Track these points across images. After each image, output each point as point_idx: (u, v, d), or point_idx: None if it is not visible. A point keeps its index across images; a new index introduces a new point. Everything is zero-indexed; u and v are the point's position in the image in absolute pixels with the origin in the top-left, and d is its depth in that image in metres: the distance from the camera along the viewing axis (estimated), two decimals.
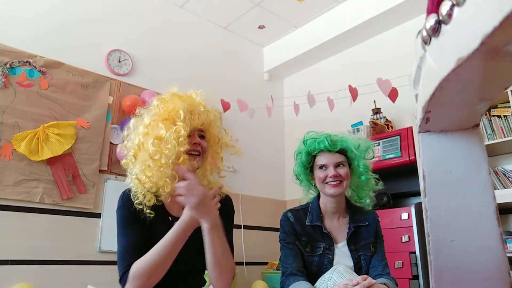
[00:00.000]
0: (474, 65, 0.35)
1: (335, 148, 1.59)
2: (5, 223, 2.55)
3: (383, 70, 3.28)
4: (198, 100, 1.35)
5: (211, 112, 1.38)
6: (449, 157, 0.53)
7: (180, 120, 1.27)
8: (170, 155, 1.25)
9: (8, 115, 2.66)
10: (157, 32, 3.62)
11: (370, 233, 1.60)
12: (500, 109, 2.63)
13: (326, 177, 1.57)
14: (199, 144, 1.34)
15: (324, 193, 1.61)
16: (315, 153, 1.61)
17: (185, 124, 1.27)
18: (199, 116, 1.32)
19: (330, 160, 1.58)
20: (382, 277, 1.48)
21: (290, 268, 1.51)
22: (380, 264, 1.55)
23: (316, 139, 1.61)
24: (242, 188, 3.72)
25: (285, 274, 1.52)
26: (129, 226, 1.29)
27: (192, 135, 1.33)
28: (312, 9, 3.85)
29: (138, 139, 1.31)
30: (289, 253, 1.55)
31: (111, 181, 3.02)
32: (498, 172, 2.63)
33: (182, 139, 1.25)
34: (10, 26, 2.82)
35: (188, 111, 1.30)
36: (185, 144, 1.26)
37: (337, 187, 1.56)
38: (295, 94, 3.82)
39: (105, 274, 2.79)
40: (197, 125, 1.32)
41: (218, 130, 1.42)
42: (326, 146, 1.58)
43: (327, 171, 1.57)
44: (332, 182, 1.56)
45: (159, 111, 1.31)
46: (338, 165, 1.58)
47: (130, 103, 3.16)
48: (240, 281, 3.38)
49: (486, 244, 0.50)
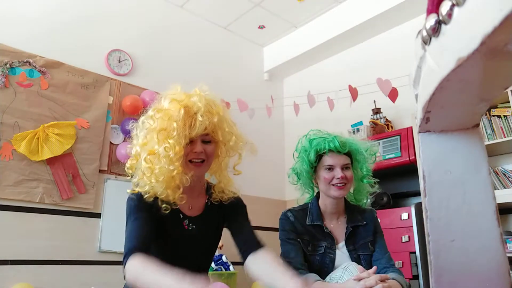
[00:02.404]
0: (474, 65, 0.35)
1: (344, 149, 1.56)
2: (5, 223, 2.55)
3: (383, 70, 3.28)
4: (198, 105, 1.25)
5: (215, 115, 1.28)
6: (449, 157, 0.53)
7: (174, 135, 1.21)
8: (159, 174, 1.21)
9: (8, 115, 2.66)
10: (157, 32, 3.62)
11: (368, 232, 1.59)
12: (500, 109, 2.63)
13: (332, 179, 1.54)
14: (202, 152, 1.28)
15: (327, 195, 1.58)
16: (322, 153, 1.58)
17: (182, 134, 1.22)
18: (200, 123, 1.23)
19: (338, 162, 1.55)
20: (388, 270, 1.46)
21: (293, 262, 1.47)
22: (383, 256, 1.54)
23: (325, 138, 1.57)
24: (242, 188, 3.70)
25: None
26: (137, 212, 1.26)
27: (194, 141, 1.27)
28: (312, 9, 3.85)
29: (135, 149, 1.28)
30: (290, 248, 1.53)
31: (111, 181, 3.02)
32: (498, 172, 2.63)
33: (172, 156, 1.20)
34: (10, 26, 2.82)
35: (187, 118, 1.24)
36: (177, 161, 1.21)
37: (343, 189, 1.54)
38: (295, 94, 3.82)
39: (105, 274, 2.79)
40: (198, 132, 1.25)
41: (225, 133, 1.32)
42: (337, 146, 1.54)
43: (334, 173, 1.54)
44: (338, 184, 1.53)
45: (154, 122, 1.25)
46: (345, 167, 1.56)
47: (130, 103, 3.16)
48: (240, 281, 3.37)
49: (486, 244, 0.50)
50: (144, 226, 1.24)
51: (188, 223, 1.36)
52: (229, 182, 1.42)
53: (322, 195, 1.63)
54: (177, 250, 1.34)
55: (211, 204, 1.41)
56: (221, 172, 1.40)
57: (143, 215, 1.26)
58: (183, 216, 1.35)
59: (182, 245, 1.34)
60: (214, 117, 1.28)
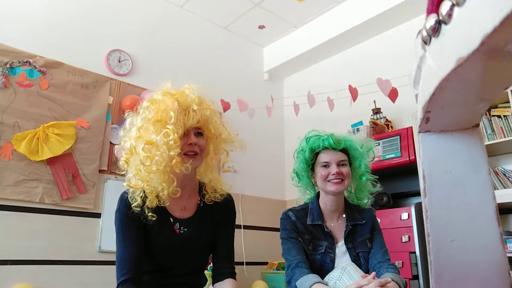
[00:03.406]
0: (474, 65, 0.35)
1: (339, 146, 1.59)
2: (5, 223, 2.55)
3: (383, 70, 3.28)
4: (191, 97, 1.29)
5: (206, 108, 1.31)
6: (449, 157, 0.53)
7: (170, 123, 1.22)
8: (161, 161, 1.21)
9: (8, 115, 2.66)
10: (157, 32, 3.62)
11: (366, 230, 1.61)
12: (500, 109, 2.63)
13: (328, 175, 1.57)
14: (196, 144, 1.30)
15: (325, 191, 1.61)
16: (318, 151, 1.61)
17: (178, 124, 1.23)
18: (194, 115, 1.26)
19: (333, 158, 1.58)
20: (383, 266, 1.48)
21: (296, 260, 1.49)
22: (379, 252, 1.55)
23: (320, 136, 1.61)
24: (242, 188, 3.71)
25: (290, 267, 1.49)
26: (126, 232, 1.28)
27: (188, 134, 1.29)
28: (312, 9, 3.85)
29: (130, 143, 1.28)
30: (292, 246, 1.54)
31: (111, 181, 3.02)
32: (498, 172, 2.63)
33: (172, 143, 1.21)
34: (10, 26, 2.82)
35: (181, 110, 1.25)
36: (177, 148, 1.22)
37: (339, 184, 1.56)
38: (295, 94, 3.82)
39: (105, 274, 2.78)
40: (193, 123, 1.27)
41: (217, 126, 1.35)
42: (331, 143, 1.58)
43: (330, 169, 1.57)
44: (334, 179, 1.56)
45: (149, 113, 1.27)
46: (341, 163, 1.58)
47: (130, 103, 3.16)
48: (240, 281, 3.38)
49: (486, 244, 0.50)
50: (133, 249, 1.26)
51: (180, 227, 1.35)
52: (219, 181, 1.43)
53: (322, 193, 1.65)
54: (169, 255, 1.33)
55: (204, 204, 1.41)
56: (211, 171, 1.41)
57: (131, 234, 1.27)
58: (173, 220, 1.34)
59: (174, 250, 1.33)
60: (206, 111, 1.31)
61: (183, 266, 1.36)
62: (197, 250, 1.38)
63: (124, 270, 1.23)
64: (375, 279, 1.31)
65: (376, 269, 1.47)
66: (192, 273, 1.41)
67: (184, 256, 1.35)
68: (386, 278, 1.34)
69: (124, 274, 1.22)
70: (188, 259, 1.37)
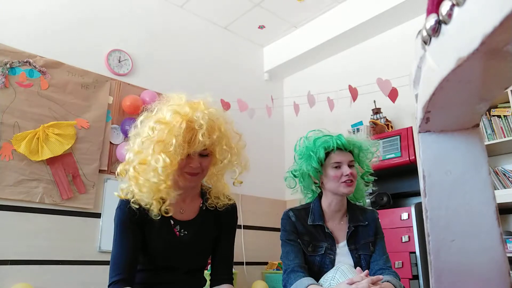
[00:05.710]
0: (474, 65, 0.35)
1: (349, 146, 1.58)
2: (5, 223, 2.55)
3: (383, 70, 3.28)
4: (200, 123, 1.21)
5: (215, 132, 1.25)
6: (449, 157, 0.53)
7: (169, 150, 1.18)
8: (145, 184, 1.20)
9: (8, 115, 2.66)
10: (157, 32, 3.62)
11: (369, 232, 1.60)
12: (500, 109, 2.63)
13: (341, 176, 1.54)
14: (199, 165, 1.27)
15: (336, 192, 1.57)
16: (330, 151, 1.58)
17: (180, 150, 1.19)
18: (200, 141, 1.20)
19: (344, 158, 1.56)
20: (384, 272, 1.47)
21: (292, 265, 1.48)
22: (381, 258, 1.54)
23: (331, 136, 1.59)
24: (242, 188, 3.69)
25: (286, 271, 1.49)
26: (124, 231, 1.29)
27: (192, 156, 1.25)
28: (312, 9, 3.85)
29: (129, 155, 1.26)
30: (290, 249, 1.53)
31: (111, 181, 3.02)
32: (498, 172, 2.63)
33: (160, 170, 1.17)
34: (10, 26, 2.82)
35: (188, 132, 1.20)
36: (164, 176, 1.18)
37: (351, 186, 1.55)
38: (295, 94, 3.82)
39: (105, 274, 2.76)
40: (197, 150, 1.23)
41: (222, 151, 1.30)
42: (344, 143, 1.56)
43: (342, 170, 1.55)
44: (347, 181, 1.54)
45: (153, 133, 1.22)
46: (351, 164, 1.57)
47: (130, 103, 3.16)
48: (240, 281, 3.37)
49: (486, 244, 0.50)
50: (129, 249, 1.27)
51: (180, 229, 1.34)
52: (224, 188, 1.42)
53: (328, 194, 1.61)
54: (168, 256, 1.34)
55: (206, 209, 1.40)
56: (217, 178, 1.40)
57: (128, 234, 1.28)
58: (174, 222, 1.34)
59: (173, 252, 1.33)
60: (215, 134, 1.25)
61: (181, 266, 1.36)
62: (196, 253, 1.38)
63: (117, 270, 1.25)
64: (368, 276, 1.31)
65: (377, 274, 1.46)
66: (191, 273, 1.41)
67: (183, 258, 1.36)
68: (378, 276, 1.34)
69: (117, 274, 1.24)
70: (187, 260, 1.37)
